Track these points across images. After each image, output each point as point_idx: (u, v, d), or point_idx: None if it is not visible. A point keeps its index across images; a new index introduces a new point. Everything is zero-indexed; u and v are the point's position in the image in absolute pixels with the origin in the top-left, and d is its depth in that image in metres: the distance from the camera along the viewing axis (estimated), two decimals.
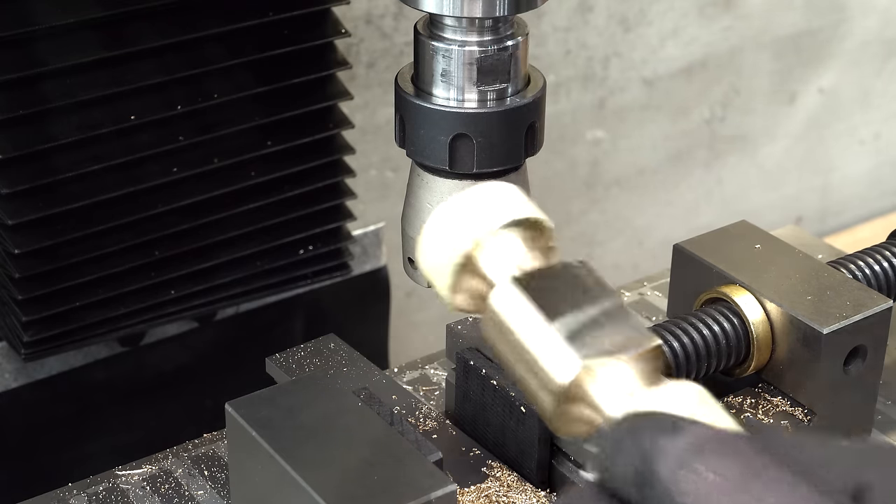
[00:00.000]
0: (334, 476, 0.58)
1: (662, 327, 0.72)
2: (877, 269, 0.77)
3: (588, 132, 1.59)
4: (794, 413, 0.72)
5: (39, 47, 0.85)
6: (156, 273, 0.94)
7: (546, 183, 1.53)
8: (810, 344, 0.70)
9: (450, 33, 0.63)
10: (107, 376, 1.00)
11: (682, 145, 1.69)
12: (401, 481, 0.58)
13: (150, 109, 0.89)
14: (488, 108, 0.64)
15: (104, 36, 0.87)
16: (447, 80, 0.64)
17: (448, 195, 0.66)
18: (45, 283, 0.89)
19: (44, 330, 0.91)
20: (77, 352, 0.97)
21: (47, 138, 0.86)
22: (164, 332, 1.01)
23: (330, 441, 0.60)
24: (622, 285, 0.92)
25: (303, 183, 0.98)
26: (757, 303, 0.73)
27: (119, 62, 0.87)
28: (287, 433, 0.61)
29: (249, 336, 1.06)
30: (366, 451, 0.60)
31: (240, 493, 0.65)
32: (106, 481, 0.73)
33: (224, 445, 0.75)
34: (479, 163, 0.65)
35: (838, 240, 1.88)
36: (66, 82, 0.86)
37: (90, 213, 0.89)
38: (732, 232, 0.79)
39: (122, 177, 0.89)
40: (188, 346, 1.03)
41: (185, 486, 0.73)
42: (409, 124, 0.65)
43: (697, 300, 0.76)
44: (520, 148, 0.66)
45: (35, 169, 0.86)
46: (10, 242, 0.86)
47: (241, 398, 0.63)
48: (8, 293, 0.89)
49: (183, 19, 0.89)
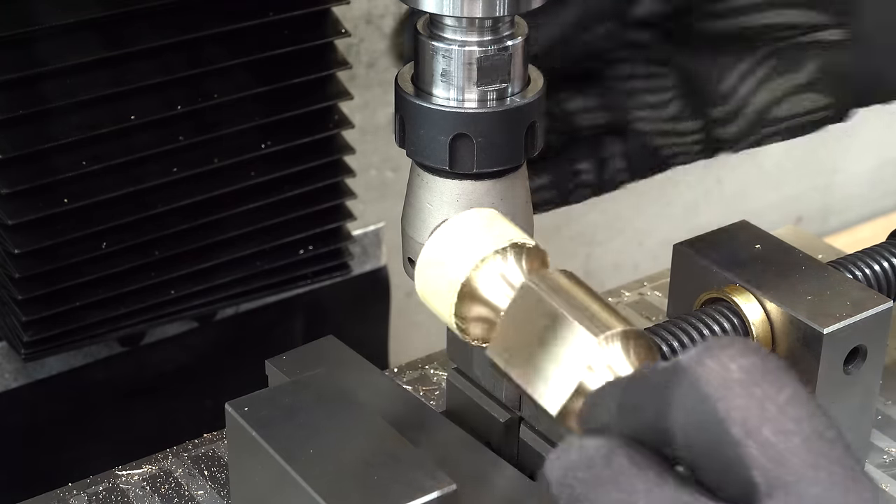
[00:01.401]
0: (334, 476, 0.58)
1: (662, 327, 0.72)
2: (877, 269, 0.77)
3: None
4: None
5: (39, 47, 0.85)
6: (156, 273, 0.94)
7: None
8: (810, 344, 0.70)
9: (450, 33, 0.63)
10: (107, 376, 1.00)
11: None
12: (401, 481, 0.58)
13: (150, 109, 0.89)
14: (488, 108, 0.64)
15: (104, 36, 0.87)
16: (447, 80, 0.64)
17: (448, 195, 0.66)
18: (45, 283, 0.89)
19: (44, 330, 0.91)
20: (77, 352, 0.97)
21: (47, 138, 0.86)
22: (164, 332, 1.01)
23: (330, 441, 0.60)
24: (622, 285, 0.92)
25: (303, 183, 0.98)
26: (757, 303, 0.72)
27: (119, 62, 0.87)
28: (287, 433, 0.61)
29: (249, 336, 1.06)
30: (366, 451, 0.60)
31: (240, 493, 0.65)
32: (106, 481, 0.73)
33: (224, 445, 0.75)
34: (479, 163, 0.65)
35: (838, 240, 1.88)
36: (66, 82, 0.86)
37: (90, 213, 0.89)
38: (732, 232, 0.79)
39: (122, 177, 0.89)
40: (188, 346, 1.03)
41: (185, 486, 0.73)
42: (409, 124, 0.65)
43: (697, 300, 0.76)
44: (520, 148, 0.66)
45: (35, 169, 0.86)
46: (10, 242, 0.86)
47: (241, 398, 0.63)
48: (8, 293, 0.89)
49: (183, 19, 0.89)
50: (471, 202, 0.66)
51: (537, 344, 0.53)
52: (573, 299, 0.53)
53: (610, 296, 0.90)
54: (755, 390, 0.41)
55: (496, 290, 0.56)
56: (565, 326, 0.52)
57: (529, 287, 0.55)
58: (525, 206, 0.68)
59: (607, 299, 0.55)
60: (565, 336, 0.52)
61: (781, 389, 0.41)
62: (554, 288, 0.54)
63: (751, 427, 0.40)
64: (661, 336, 0.71)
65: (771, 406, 0.41)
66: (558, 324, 0.52)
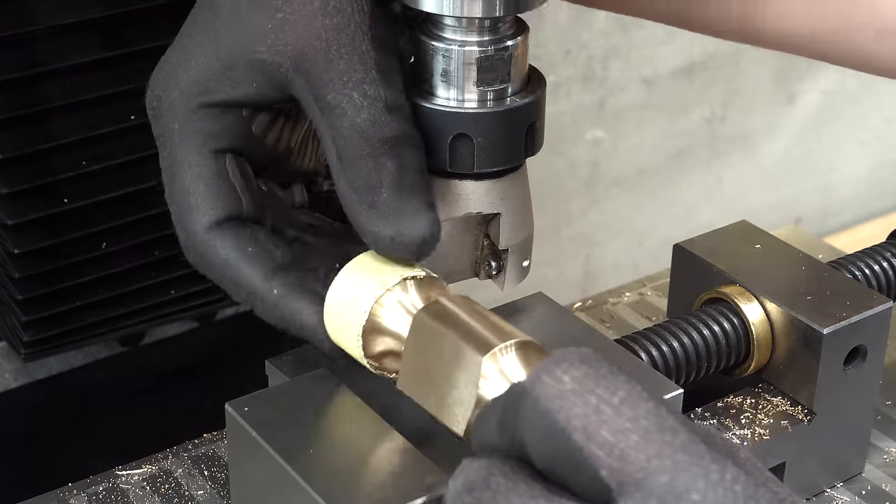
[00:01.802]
0: (334, 476, 0.58)
1: (663, 327, 0.72)
2: (877, 269, 0.77)
3: (588, 132, 1.59)
4: (794, 413, 0.72)
5: (39, 47, 0.85)
6: (156, 273, 0.94)
7: (546, 183, 1.53)
8: (810, 344, 0.70)
9: (449, 33, 0.64)
10: (107, 376, 1.00)
11: (682, 145, 1.69)
12: (401, 481, 0.58)
13: None
14: (488, 108, 0.64)
15: (104, 36, 0.87)
16: (447, 80, 0.64)
17: (448, 195, 0.66)
18: (45, 283, 0.89)
19: (44, 330, 0.91)
20: (77, 352, 0.97)
21: (47, 138, 0.86)
22: (164, 332, 1.01)
23: (330, 441, 0.60)
24: (622, 285, 0.92)
25: None
26: (757, 303, 0.73)
27: (119, 62, 0.87)
28: (287, 433, 0.61)
29: (249, 336, 1.06)
30: (366, 451, 0.60)
31: (240, 493, 0.65)
32: (106, 481, 0.73)
33: (224, 445, 0.75)
34: (479, 163, 0.65)
35: (838, 240, 1.88)
36: (66, 82, 0.86)
37: (90, 213, 0.89)
38: (732, 232, 0.79)
39: (122, 177, 0.89)
40: (188, 346, 1.03)
41: (185, 486, 0.73)
42: None
43: (697, 300, 0.76)
44: (520, 148, 0.66)
45: (35, 169, 0.86)
46: (10, 242, 0.86)
47: (241, 398, 0.63)
48: (8, 293, 0.89)
49: (182, 19, 0.89)
50: (471, 202, 0.66)
51: (436, 371, 0.56)
52: (462, 323, 0.57)
53: (610, 296, 0.90)
54: (589, 398, 0.43)
55: (397, 323, 0.60)
56: (455, 350, 0.55)
57: (420, 317, 0.58)
58: (525, 207, 0.68)
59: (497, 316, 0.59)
60: (457, 359, 0.55)
61: (615, 392, 0.43)
62: (444, 314, 0.58)
63: (591, 431, 0.43)
64: (662, 336, 0.71)
65: (606, 408, 0.43)
66: (448, 348, 0.56)
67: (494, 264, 0.69)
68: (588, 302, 0.90)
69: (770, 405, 0.73)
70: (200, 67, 0.64)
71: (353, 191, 0.61)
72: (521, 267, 0.70)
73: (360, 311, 0.60)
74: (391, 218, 0.60)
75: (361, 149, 0.61)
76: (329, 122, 0.61)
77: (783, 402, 0.73)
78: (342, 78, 0.61)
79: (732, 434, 0.71)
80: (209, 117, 0.65)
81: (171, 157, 0.65)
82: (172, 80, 0.65)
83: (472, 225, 0.68)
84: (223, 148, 0.65)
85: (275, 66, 0.62)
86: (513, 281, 0.70)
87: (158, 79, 0.66)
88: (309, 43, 0.61)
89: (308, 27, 0.61)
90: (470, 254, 0.69)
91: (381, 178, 0.60)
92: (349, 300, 0.61)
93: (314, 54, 0.61)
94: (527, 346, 0.55)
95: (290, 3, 0.62)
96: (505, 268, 0.69)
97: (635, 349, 0.70)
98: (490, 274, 0.70)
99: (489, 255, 0.69)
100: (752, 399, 0.73)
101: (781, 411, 0.72)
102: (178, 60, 0.65)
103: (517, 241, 0.69)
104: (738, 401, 0.73)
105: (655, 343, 0.70)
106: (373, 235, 0.61)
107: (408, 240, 0.60)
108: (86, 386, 0.99)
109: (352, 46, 0.61)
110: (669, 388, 0.64)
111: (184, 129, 0.65)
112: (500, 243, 0.68)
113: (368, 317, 0.60)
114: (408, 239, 0.60)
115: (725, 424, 0.71)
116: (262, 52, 0.62)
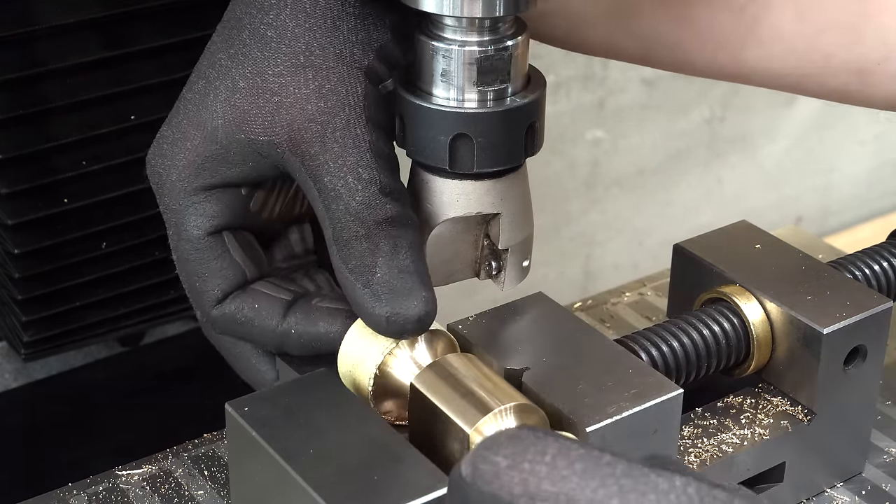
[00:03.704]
0: (334, 476, 0.58)
1: (663, 327, 0.72)
2: (877, 269, 0.77)
3: (588, 132, 1.59)
4: (794, 413, 0.72)
5: (39, 47, 0.85)
6: (156, 273, 0.94)
7: (546, 183, 1.53)
8: (810, 344, 0.70)
9: (449, 33, 0.63)
10: (107, 376, 1.00)
11: (682, 145, 1.69)
12: (401, 481, 0.58)
13: (150, 109, 0.89)
14: (488, 108, 0.64)
15: (104, 36, 0.87)
16: (447, 80, 0.64)
17: (448, 195, 0.66)
18: (45, 283, 0.89)
19: (44, 330, 0.91)
20: (77, 352, 0.97)
21: (47, 138, 0.86)
22: (164, 332, 1.01)
23: (330, 441, 0.60)
24: (622, 285, 0.92)
25: None
26: (757, 303, 0.73)
27: (119, 62, 0.87)
28: (287, 433, 0.61)
29: None
30: (366, 451, 0.60)
31: (240, 493, 0.65)
32: (106, 481, 0.73)
33: (224, 445, 0.75)
34: (479, 163, 0.65)
35: (838, 240, 1.88)
36: (66, 82, 0.86)
37: (90, 213, 0.89)
38: (732, 232, 0.79)
39: (122, 177, 0.89)
40: (188, 346, 1.03)
41: (185, 486, 0.73)
42: (408, 124, 0.65)
43: (697, 300, 0.76)
44: (520, 148, 0.66)
45: (35, 169, 0.86)
46: (10, 242, 0.86)
47: (241, 398, 0.63)
48: (8, 293, 0.89)
49: (183, 19, 0.89)
50: (471, 202, 0.66)
51: (433, 438, 0.61)
52: (451, 393, 0.61)
53: (610, 296, 0.90)
54: (524, 465, 0.44)
55: (404, 377, 0.64)
56: (444, 421, 0.60)
57: (414, 387, 0.62)
58: (525, 207, 0.68)
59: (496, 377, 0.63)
60: (447, 430, 0.60)
61: (545, 452, 0.44)
62: (437, 382, 0.61)
63: (532, 491, 0.43)
64: (661, 336, 0.71)
65: (541, 468, 0.44)
66: (439, 419, 0.60)
67: (494, 264, 0.69)
68: (588, 302, 0.90)
69: (770, 405, 0.73)
70: (197, 149, 0.66)
71: (349, 271, 0.63)
72: (521, 267, 0.70)
73: (372, 359, 0.64)
74: (386, 297, 0.62)
75: (356, 230, 0.62)
76: (325, 204, 0.63)
77: (783, 402, 0.73)
78: (337, 161, 0.62)
79: (732, 434, 0.71)
80: (209, 199, 0.67)
81: (176, 237, 0.68)
82: (170, 160, 0.67)
83: (472, 225, 0.68)
84: (223, 225, 0.67)
85: (271, 147, 0.64)
86: (513, 281, 0.70)
87: (157, 155, 0.68)
88: (304, 126, 0.63)
89: (303, 111, 0.63)
90: (470, 254, 0.69)
91: (376, 259, 0.62)
92: (363, 349, 0.65)
93: (310, 137, 0.63)
94: (520, 411, 0.59)
95: (286, 87, 0.63)
96: (505, 268, 0.69)
97: (635, 349, 0.70)
98: (490, 274, 0.70)
99: (489, 255, 0.69)
100: (752, 399, 0.73)
101: (781, 411, 0.72)
102: (174, 139, 0.67)
103: (517, 241, 0.69)
104: (738, 401, 0.73)
105: (655, 343, 0.70)
106: (369, 315, 0.63)
107: (403, 319, 0.62)
108: (86, 386, 0.99)
109: (346, 130, 0.63)
110: (669, 388, 0.64)
111: (185, 210, 0.67)
112: (500, 243, 0.68)
113: (375, 374, 0.64)
114: (402, 318, 0.62)
115: (725, 424, 0.71)
116: (259, 134, 0.64)
